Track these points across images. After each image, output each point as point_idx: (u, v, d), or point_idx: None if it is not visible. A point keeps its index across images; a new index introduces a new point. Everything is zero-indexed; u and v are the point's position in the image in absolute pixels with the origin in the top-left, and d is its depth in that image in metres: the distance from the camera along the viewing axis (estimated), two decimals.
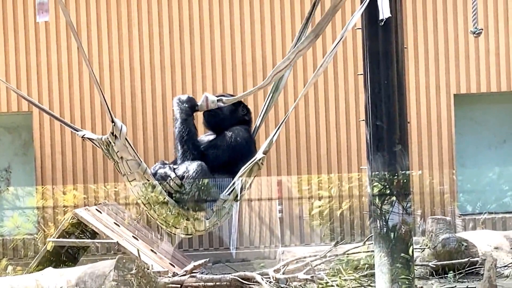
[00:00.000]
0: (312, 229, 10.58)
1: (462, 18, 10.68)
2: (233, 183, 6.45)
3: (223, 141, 6.68)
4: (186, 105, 6.71)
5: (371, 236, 6.84)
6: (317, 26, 6.29)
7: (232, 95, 7.05)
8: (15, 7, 10.60)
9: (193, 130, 6.67)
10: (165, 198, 6.34)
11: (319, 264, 8.78)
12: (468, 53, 10.71)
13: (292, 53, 6.30)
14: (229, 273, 8.54)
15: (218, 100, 6.72)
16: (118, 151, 6.16)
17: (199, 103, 6.78)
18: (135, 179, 6.27)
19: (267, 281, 8.17)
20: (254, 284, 8.14)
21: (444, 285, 8.54)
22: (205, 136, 6.96)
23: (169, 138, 10.54)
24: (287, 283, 8.28)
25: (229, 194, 6.48)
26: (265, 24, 10.68)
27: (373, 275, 7.12)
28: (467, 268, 8.78)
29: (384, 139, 6.44)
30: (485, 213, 10.74)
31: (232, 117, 6.79)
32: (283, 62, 6.33)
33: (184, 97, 6.78)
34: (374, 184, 6.44)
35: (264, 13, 10.69)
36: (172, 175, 6.44)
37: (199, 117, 6.95)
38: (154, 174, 6.44)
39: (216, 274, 8.56)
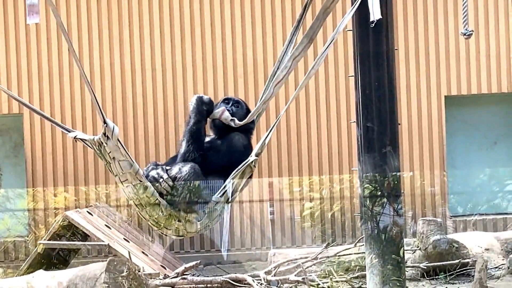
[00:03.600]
0: (303, 231, 10.58)
1: (453, 20, 10.71)
2: (225, 185, 6.45)
3: (223, 145, 6.68)
4: (205, 108, 6.70)
5: (362, 237, 6.85)
6: (310, 30, 6.30)
7: (247, 107, 6.97)
8: (5, 8, 10.57)
9: (202, 134, 6.69)
10: (156, 199, 6.33)
11: (310, 266, 8.78)
12: (459, 55, 10.73)
13: (288, 61, 6.32)
14: (220, 275, 8.54)
15: (231, 120, 6.72)
16: (110, 152, 6.15)
17: (214, 111, 6.74)
18: (127, 179, 6.25)
19: (258, 283, 8.17)
20: (245, 286, 8.14)
21: (435, 287, 8.56)
22: (205, 136, 6.95)
23: (161, 140, 10.53)
24: (278, 285, 8.29)
25: (221, 196, 6.48)
26: (256, 26, 10.68)
27: (364, 276, 7.13)
28: (458, 269, 8.79)
29: (375, 140, 6.45)
30: (476, 214, 10.76)
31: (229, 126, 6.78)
32: (281, 71, 6.35)
33: (206, 99, 6.74)
34: (365, 186, 6.45)
35: (255, 15, 10.69)
36: (165, 176, 6.43)
37: None
38: (147, 176, 6.43)
39: (207, 276, 8.56)
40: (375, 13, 6.01)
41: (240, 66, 10.65)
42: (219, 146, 6.68)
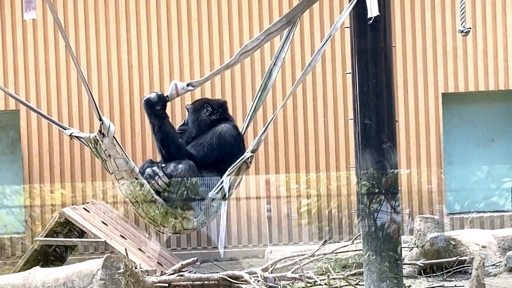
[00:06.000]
0: (300, 228, 10.57)
1: (450, 17, 10.70)
2: (221, 182, 6.44)
3: (212, 139, 6.65)
4: (159, 107, 6.54)
5: (360, 234, 6.84)
6: (291, 11, 6.35)
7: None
8: (2, 4, 10.55)
9: (172, 131, 6.60)
10: (153, 196, 6.32)
11: (308, 263, 8.77)
12: (456, 52, 10.72)
13: (261, 35, 6.39)
14: (217, 272, 8.52)
15: (188, 85, 6.61)
16: (105, 149, 6.14)
17: (168, 93, 6.57)
18: (123, 177, 6.24)
19: (255, 280, 8.15)
20: (242, 283, 8.13)
21: (432, 284, 8.55)
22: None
23: None
24: (275, 282, 8.27)
25: (217, 192, 6.47)
26: (254, 22, 10.66)
27: (361, 274, 7.12)
28: (455, 267, 8.79)
29: (372, 137, 6.44)
30: (473, 212, 10.76)
31: (206, 121, 6.74)
32: (251, 42, 6.41)
33: (154, 98, 6.55)
34: (363, 183, 6.44)
35: (252, 12, 10.67)
36: (161, 173, 6.42)
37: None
38: (142, 173, 6.42)
39: (204, 273, 8.54)
40: (372, 10, 6.01)
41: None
42: (208, 140, 6.65)
